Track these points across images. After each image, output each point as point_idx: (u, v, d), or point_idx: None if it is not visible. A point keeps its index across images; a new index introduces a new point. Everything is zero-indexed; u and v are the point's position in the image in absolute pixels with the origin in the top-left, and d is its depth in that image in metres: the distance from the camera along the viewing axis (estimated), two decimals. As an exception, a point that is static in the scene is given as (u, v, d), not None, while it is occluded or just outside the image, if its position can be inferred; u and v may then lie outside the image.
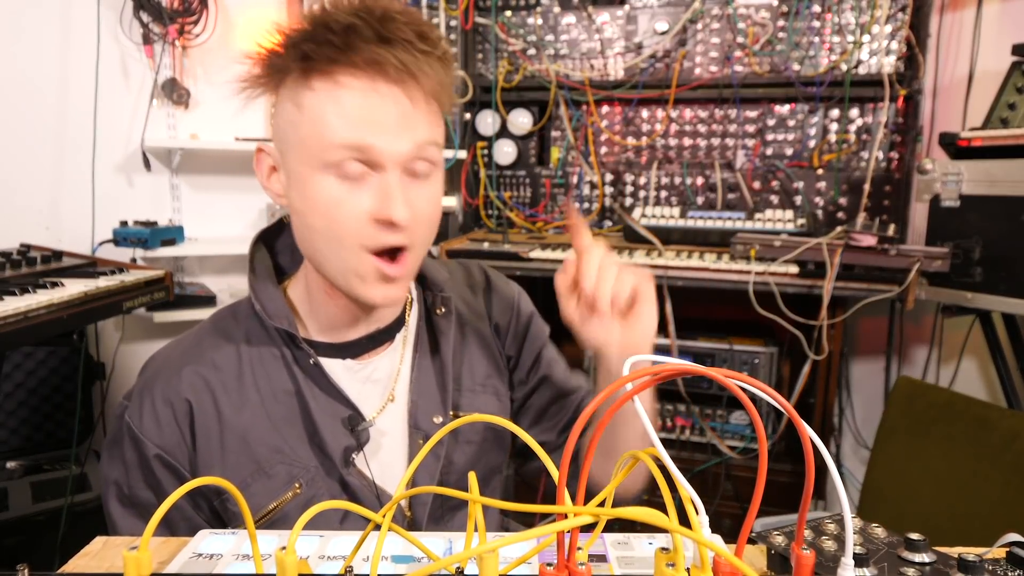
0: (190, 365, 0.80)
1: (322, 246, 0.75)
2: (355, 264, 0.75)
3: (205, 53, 2.36)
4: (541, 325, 1.02)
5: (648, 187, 2.36)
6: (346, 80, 0.71)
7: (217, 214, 2.50)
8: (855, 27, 2.11)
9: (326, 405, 0.81)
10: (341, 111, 0.71)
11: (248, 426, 0.78)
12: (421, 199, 0.76)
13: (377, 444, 0.84)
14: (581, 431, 0.39)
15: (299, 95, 0.73)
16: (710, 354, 2.03)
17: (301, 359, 0.81)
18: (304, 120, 0.73)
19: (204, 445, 0.78)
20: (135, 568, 0.44)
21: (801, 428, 0.39)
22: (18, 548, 1.80)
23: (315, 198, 0.73)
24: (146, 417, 0.77)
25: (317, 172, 0.73)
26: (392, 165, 0.73)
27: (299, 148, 0.74)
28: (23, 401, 2.06)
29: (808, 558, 0.42)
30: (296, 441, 0.80)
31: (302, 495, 0.79)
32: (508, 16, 2.37)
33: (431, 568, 0.40)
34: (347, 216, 0.73)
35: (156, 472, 0.77)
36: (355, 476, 0.81)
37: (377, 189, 0.73)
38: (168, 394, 0.78)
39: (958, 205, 1.76)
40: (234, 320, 0.85)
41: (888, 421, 1.72)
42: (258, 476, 0.78)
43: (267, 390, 0.80)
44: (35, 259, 1.74)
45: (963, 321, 2.08)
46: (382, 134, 0.71)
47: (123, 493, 0.78)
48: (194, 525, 0.78)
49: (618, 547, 0.57)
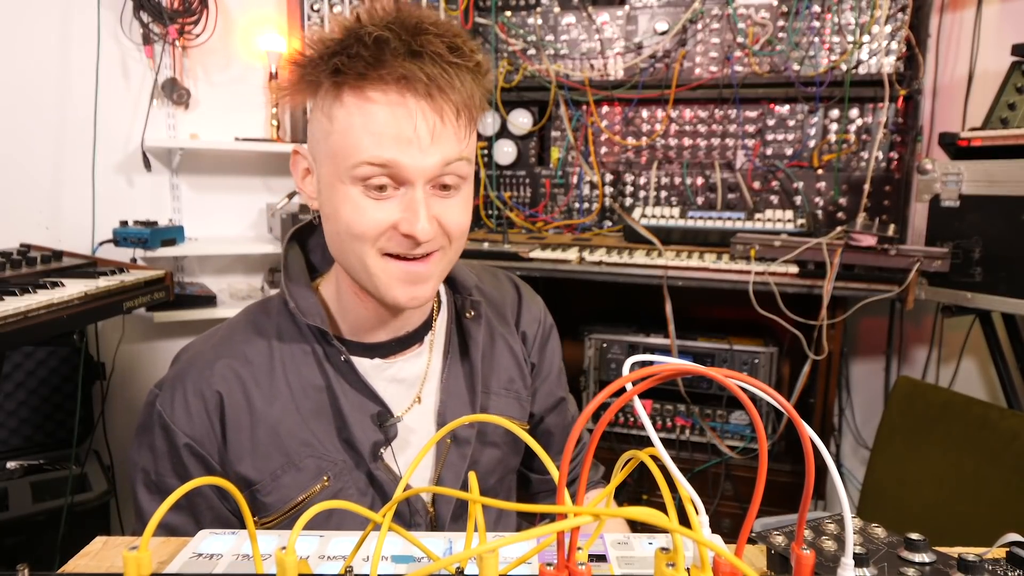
0: (223, 358, 0.82)
1: (348, 251, 0.77)
2: (380, 268, 0.76)
3: (205, 53, 2.36)
4: (558, 341, 1.05)
5: (648, 187, 2.36)
6: (375, 95, 0.72)
7: (217, 214, 2.50)
8: (855, 27, 2.11)
9: (356, 401, 0.83)
10: (369, 127, 0.72)
11: (278, 419, 0.80)
12: (448, 212, 0.77)
13: (405, 441, 0.85)
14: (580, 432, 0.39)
15: (331, 107, 0.74)
16: (710, 354, 2.03)
17: (332, 356, 0.83)
18: (335, 132, 0.74)
19: (234, 437, 0.79)
20: (135, 568, 0.44)
21: (801, 428, 0.39)
22: (18, 548, 1.79)
23: (342, 207, 0.75)
24: (177, 407, 0.79)
25: (346, 184, 0.74)
26: (419, 180, 0.73)
27: (329, 159, 0.75)
28: (23, 401, 2.05)
29: (808, 558, 0.42)
30: (325, 435, 0.82)
31: (330, 488, 0.81)
32: (508, 16, 2.37)
33: (431, 568, 0.40)
34: (373, 226, 0.74)
35: (185, 461, 0.79)
36: (383, 471, 0.83)
37: (403, 203, 0.74)
38: (200, 386, 0.80)
39: (958, 205, 1.76)
40: (266, 315, 0.87)
41: (888, 421, 1.73)
42: (288, 469, 0.80)
43: (297, 385, 0.82)
44: (35, 259, 1.74)
45: (963, 321, 2.08)
46: (409, 151, 0.72)
47: (151, 480, 0.81)
48: (218, 515, 0.81)
49: (618, 547, 0.57)
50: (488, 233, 2.40)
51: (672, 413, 2.07)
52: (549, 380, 1.01)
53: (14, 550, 1.79)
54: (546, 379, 1.01)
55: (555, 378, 1.03)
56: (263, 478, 0.79)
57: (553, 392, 1.02)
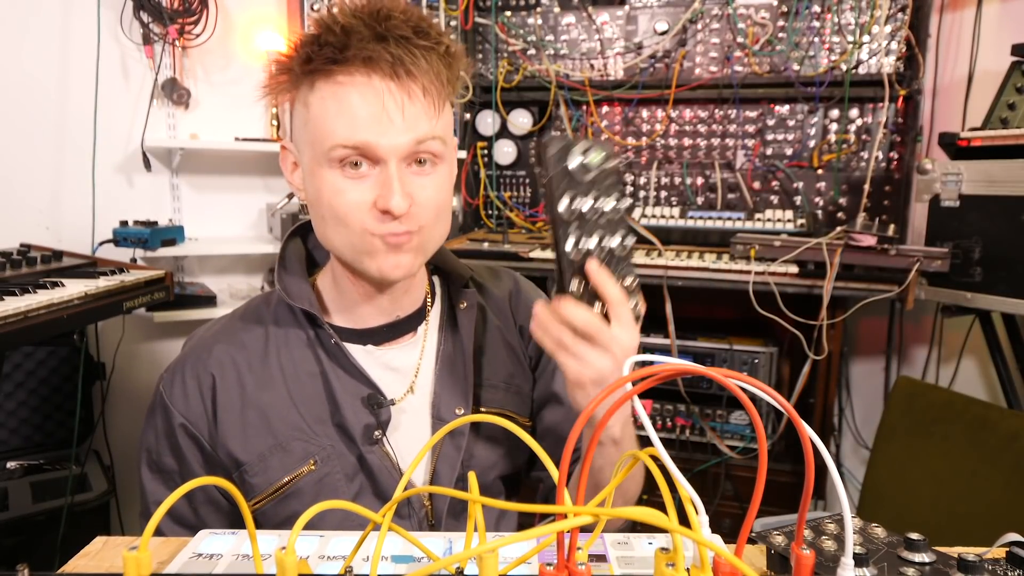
0: (220, 343, 0.86)
1: (332, 233, 0.79)
2: (362, 244, 0.78)
3: (205, 53, 2.36)
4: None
5: (648, 187, 2.36)
6: (343, 79, 0.74)
7: (217, 214, 2.49)
8: (855, 27, 2.11)
9: (348, 385, 0.84)
10: (340, 110, 0.75)
11: (269, 403, 0.83)
12: (423, 189, 0.78)
13: (395, 423, 0.86)
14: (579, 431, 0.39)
15: (307, 97, 0.78)
16: (710, 354, 2.03)
17: (324, 339, 0.86)
18: (311, 120, 0.77)
19: (225, 418, 0.82)
20: (135, 568, 0.44)
21: (801, 428, 0.39)
22: (18, 548, 1.79)
23: (323, 190, 0.77)
24: (176, 389, 0.83)
25: (324, 168, 0.77)
26: (391, 158, 0.75)
27: (309, 146, 0.78)
28: (23, 401, 2.05)
29: (808, 558, 0.42)
30: (316, 420, 0.84)
31: (317, 471, 0.82)
32: (508, 16, 2.37)
33: (431, 568, 0.40)
34: (351, 206, 0.76)
35: (180, 441, 0.83)
36: (377, 456, 0.84)
37: (378, 181, 0.76)
38: (197, 368, 0.84)
39: (958, 205, 1.76)
40: (266, 305, 0.90)
41: (888, 421, 1.73)
42: (276, 451, 0.82)
43: (291, 371, 0.85)
44: (35, 259, 1.74)
45: (963, 321, 2.08)
46: (379, 130, 0.74)
47: (152, 459, 0.85)
48: (210, 496, 0.84)
49: (618, 547, 0.57)
50: (488, 233, 2.40)
51: (672, 413, 2.07)
52: (546, 374, 1.00)
53: (14, 550, 1.79)
54: (543, 371, 0.99)
55: (555, 370, 1.00)
56: (251, 459, 0.81)
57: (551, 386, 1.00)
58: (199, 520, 0.83)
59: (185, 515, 0.84)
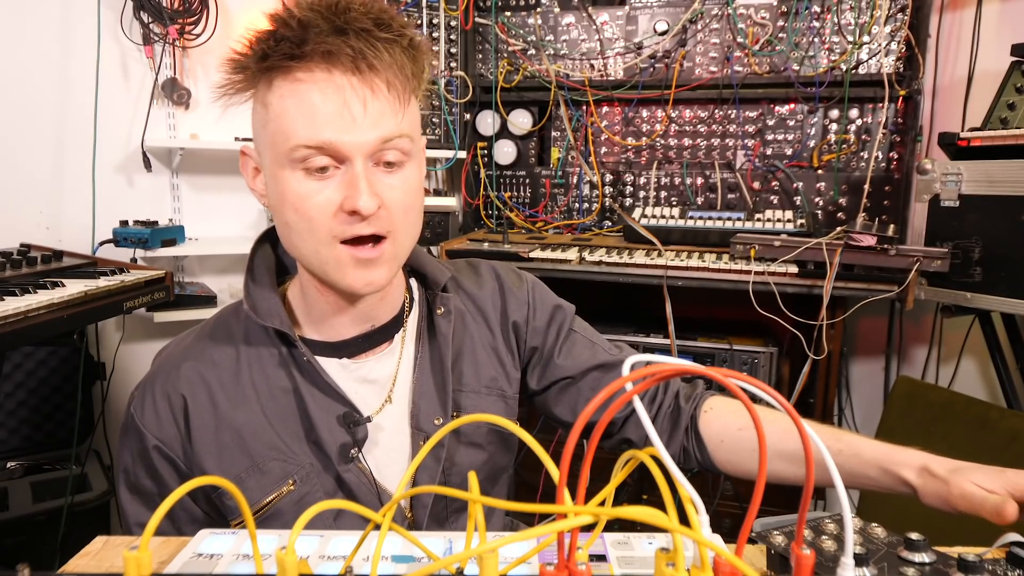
0: (189, 361, 0.82)
1: (298, 240, 0.76)
2: (329, 254, 0.75)
3: (205, 53, 2.36)
4: (564, 309, 1.00)
5: (648, 187, 2.36)
6: (303, 75, 0.71)
7: (217, 214, 2.49)
8: (855, 27, 2.10)
9: (323, 403, 0.81)
10: (301, 108, 0.71)
11: (244, 423, 0.80)
12: (391, 189, 0.75)
13: (373, 441, 0.84)
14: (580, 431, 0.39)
15: (265, 95, 0.74)
16: (710, 354, 2.03)
17: (297, 357, 0.82)
18: (270, 120, 0.74)
19: (199, 439, 0.79)
20: (135, 568, 0.44)
21: (801, 428, 0.39)
22: (18, 548, 1.79)
23: (287, 193, 0.74)
24: (147, 410, 0.80)
25: (286, 169, 0.73)
26: (357, 157, 0.72)
27: (270, 148, 0.75)
28: (23, 401, 2.05)
29: (808, 558, 0.42)
30: (292, 438, 0.81)
31: (296, 491, 0.80)
32: (508, 16, 2.37)
33: (431, 568, 0.40)
34: (317, 209, 0.73)
35: (155, 463, 0.80)
36: (354, 473, 0.81)
37: (343, 181, 0.73)
38: (167, 388, 0.80)
39: (958, 205, 1.76)
40: (235, 318, 0.86)
41: (888, 421, 1.72)
42: (252, 472, 0.79)
43: (264, 388, 0.81)
44: (35, 259, 1.74)
45: (963, 321, 2.08)
46: (342, 127, 0.71)
47: (130, 481, 0.82)
48: (194, 516, 0.81)
49: (618, 547, 0.57)
50: (488, 233, 2.39)
51: (672, 413, 2.07)
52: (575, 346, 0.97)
53: (14, 550, 1.79)
54: (563, 348, 0.97)
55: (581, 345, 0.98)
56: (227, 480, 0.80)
57: (607, 356, 0.98)
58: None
59: (168, 534, 0.83)
